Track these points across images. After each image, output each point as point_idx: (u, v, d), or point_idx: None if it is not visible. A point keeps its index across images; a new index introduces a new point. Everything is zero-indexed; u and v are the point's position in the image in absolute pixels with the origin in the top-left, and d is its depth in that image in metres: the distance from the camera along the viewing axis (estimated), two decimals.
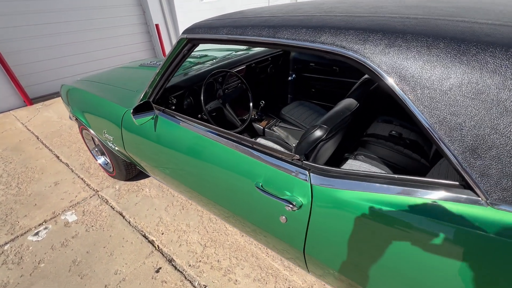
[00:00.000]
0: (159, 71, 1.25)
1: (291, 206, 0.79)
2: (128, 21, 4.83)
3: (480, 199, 0.56)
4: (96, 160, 2.25)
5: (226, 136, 1.03)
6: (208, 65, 1.90)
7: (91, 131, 1.79)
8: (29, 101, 3.85)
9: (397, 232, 0.66)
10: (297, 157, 0.84)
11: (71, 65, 4.31)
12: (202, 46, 2.74)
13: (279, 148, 0.89)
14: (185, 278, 1.43)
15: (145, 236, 1.70)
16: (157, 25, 5.06)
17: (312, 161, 0.95)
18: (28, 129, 3.19)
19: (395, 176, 0.67)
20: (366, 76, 1.61)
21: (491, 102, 0.51)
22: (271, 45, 0.84)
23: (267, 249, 1.56)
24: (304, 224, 0.83)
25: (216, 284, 1.40)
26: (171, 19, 5.32)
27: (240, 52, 2.25)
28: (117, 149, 1.71)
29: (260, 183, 0.90)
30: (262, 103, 1.98)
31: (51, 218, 1.88)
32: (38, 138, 2.97)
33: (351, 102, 1.16)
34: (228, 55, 2.16)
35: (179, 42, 1.13)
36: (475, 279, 0.57)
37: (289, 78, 2.49)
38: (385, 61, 0.62)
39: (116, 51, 4.82)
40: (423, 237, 0.62)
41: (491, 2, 0.83)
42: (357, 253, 0.76)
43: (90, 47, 4.46)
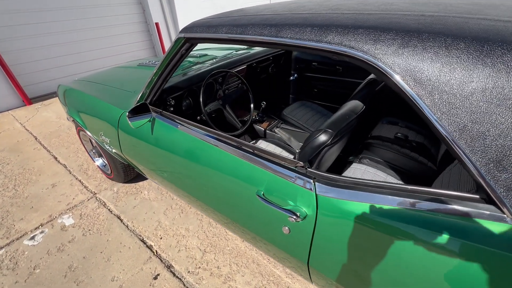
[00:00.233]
0: (156, 72, 1.20)
1: (295, 217, 0.74)
2: (128, 20, 4.78)
3: (505, 216, 0.51)
4: (94, 161, 2.20)
5: (225, 140, 0.98)
6: (207, 65, 1.85)
7: (88, 133, 1.75)
8: (28, 100, 3.80)
9: (410, 248, 0.60)
10: (301, 164, 0.78)
11: (70, 64, 4.27)
12: (201, 45, 2.68)
13: (281, 153, 0.84)
14: (184, 285, 1.39)
15: (143, 240, 1.65)
16: (157, 24, 5.01)
17: (316, 168, 0.90)
18: (26, 129, 3.15)
19: (408, 187, 0.62)
20: (371, 76, 1.56)
21: None
22: (273, 45, 0.79)
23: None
24: (308, 236, 0.78)
25: None
26: (171, 18, 5.27)
27: (240, 51, 2.20)
28: (114, 151, 1.67)
29: (261, 192, 0.85)
30: (263, 104, 1.92)
31: (48, 221, 1.84)
32: (36, 138, 2.93)
33: (356, 104, 1.10)
34: (228, 54, 2.11)
35: (176, 41, 1.08)
36: None
37: (291, 78, 2.44)
38: (399, 62, 0.57)
39: (116, 50, 4.77)
40: (438, 255, 0.57)
41: None
42: (365, 269, 0.71)
43: (89, 46, 4.41)
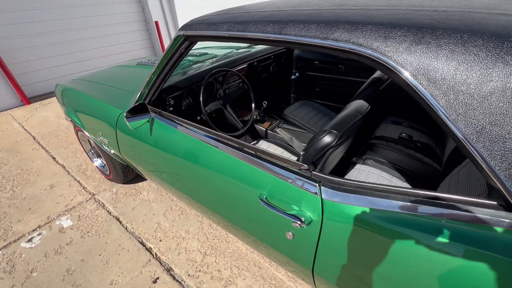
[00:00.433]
0: (155, 71, 1.16)
1: (299, 223, 0.71)
2: (127, 18, 4.74)
3: None
4: (92, 162, 2.17)
5: (226, 142, 0.95)
6: (207, 64, 1.81)
7: (86, 133, 1.72)
8: (27, 100, 3.77)
9: (423, 257, 0.57)
10: (306, 167, 0.75)
11: (69, 63, 4.23)
12: (201, 43, 2.65)
13: (283, 154, 0.80)
14: None
15: (142, 243, 1.62)
16: (156, 22, 4.97)
17: (320, 170, 0.87)
18: (25, 129, 3.12)
19: (420, 192, 0.59)
20: (375, 75, 1.52)
21: None
22: (277, 43, 0.75)
23: None
24: (313, 242, 0.74)
25: None
26: (170, 16, 5.23)
27: (241, 50, 2.16)
28: (113, 152, 1.64)
29: (264, 195, 0.82)
30: (264, 103, 1.89)
31: (46, 223, 1.81)
32: (34, 138, 2.90)
33: (361, 104, 1.07)
34: (228, 53, 2.07)
35: (175, 39, 1.05)
36: None
37: (292, 77, 2.40)
38: (411, 60, 0.54)
39: (115, 49, 4.73)
40: (453, 264, 0.54)
41: None
42: (374, 278, 0.67)
43: (89, 44, 4.37)
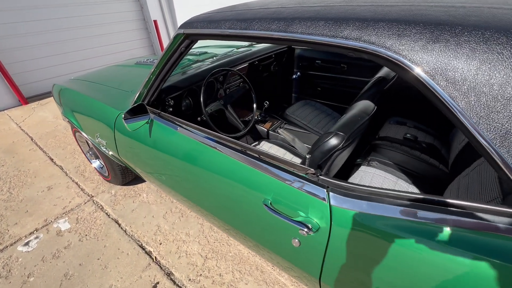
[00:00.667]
0: (154, 70, 1.13)
1: (306, 230, 0.68)
2: (125, 17, 4.69)
3: None
4: (90, 163, 2.13)
5: (229, 144, 0.91)
6: (207, 63, 1.77)
7: (84, 134, 1.68)
8: (24, 100, 3.72)
9: (440, 268, 0.54)
10: (312, 171, 0.72)
11: (67, 63, 4.18)
12: (200, 42, 2.60)
13: (285, 156, 0.77)
14: None
15: (142, 246, 1.59)
16: (155, 21, 4.92)
17: (326, 173, 0.84)
18: (22, 129, 3.07)
19: (436, 198, 0.56)
20: (380, 74, 1.49)
21: None
22: (282, 41, 0.72)
23: None
24: (321, 250, 0.71)
25: None
26: (169, 15, 5.18)
27: (241, 48, 2.12)
28: (111, 154, 1.60)
29: (268, 201, 0.78)
30: (266, 103, 1.85)
31: (43, 226, 1.77)
32: (32, 139, 2.85)
33: (368, 104, 1.03)
34: (229, 52, 2.03)
35: (175, 38, 1.01)
36: None
37: (294, 76, 2.37)
38: (428, 60, 0.50)
39: (113, 48, 4.68)
40: (472, 276, 0.51)
41: None
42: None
43: (86, 44, 4.32)
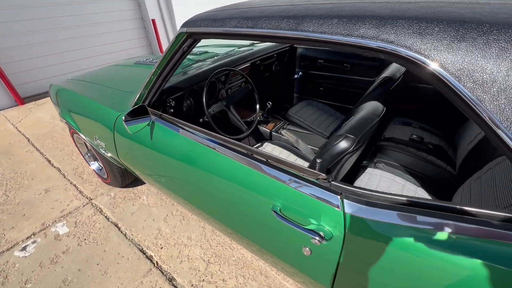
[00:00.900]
0: (155, 71, 1.09)
1: (319, 239, 0.64)
2: (123, 16, 4.63)
3: None
4: (89, 165, 2.09)
5: (233, 147, 0.88)
6: (208, 63, 1.74)
7: (82, 136, 1.64)
8: (21, 100, 3.66)
9: (466, 283, 0.51)
10: (324, 176, 0.68)
11: (64, 63, 4.12)
12: (201, 41, 2.56)
13: (300, 163, 0.72)
14: None
15: (142, 251, 1.55)
16: (153, 20, 4.86)
17: (335, 177, 0.81)
18: (18, 130, 3.02)
19: (465, 208, 0.52)
20: (385, 74, 1.46)
21: None
22: (292, 40, 0.68)
23: None
24: (333, 259, 0.68)
25: None
26: (168, 14, 5.12)
27: (243, 48, 2.09)
28: (111, 156, 1.56)
29: (277, 207, 0.75)
30: (269, 104, 1.82)
31: (41, 230, 1.73)
32: (29, 140, 2.80)
33: (376, 106, 1.00)
34: (230, 51, 1.99)
35: (178, 37, 0.98)
36: None
37: (295, 76, 2.33)
38: (453, 60, 0.47)
39: (111, 47, 4.62)
40: None
41: None
42: None
43: (84, 43, 4.26)
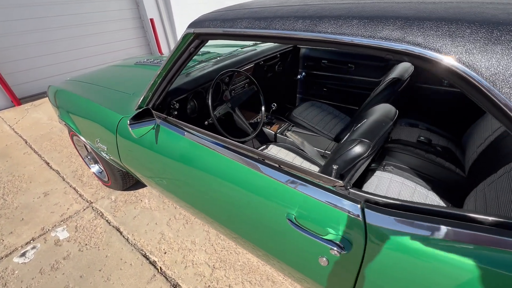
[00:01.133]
0: (160, 73, 1.05)
1: (337, 249, 0.62)
2: (121, 16, 4.58)
3: None
4: (89, 168, 2.05)
5: (243, 152, 0.85)
6: (212, 64, 1.70)
7: (82, 138, 1.60)
8: (17, 101, 3.60)
9: None
10: (341, 183, 0.66)
11: (61, 62, 4.06)
12: None
13: (314, 170, 0.69)
14: None
15: (145, 256, 1.52)
16: (151, 20, 4.81)
17: (348, 182, 0.77)
18: (15, 132, 2.96)
19: (503, 219, 0.49)
20: (393, 75, 1.44)
21: None
22: (309, 42, 0.65)
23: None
24: (353, 271, 0.65)
25: None
26: (166, 13, 5.07)
27: (246, 48, 2.05)
28: (112, 159, 1.52)
29: (292, 215, 0.72)
30: (274, 105, 1.79)
31: (40, 235, 1.69)
32: (26, 142, 2.75)
33: (389, 108, 0.98)
34: (233, 51, 1.96)
35: (184, 37, 0.94)
36: None
37: (299, 76, 2.31)
38: (487, 64, 0.45)
39: (109, 47, 4.57)
40: None
41: None
42: None
43: (81, 43, 4.20)
